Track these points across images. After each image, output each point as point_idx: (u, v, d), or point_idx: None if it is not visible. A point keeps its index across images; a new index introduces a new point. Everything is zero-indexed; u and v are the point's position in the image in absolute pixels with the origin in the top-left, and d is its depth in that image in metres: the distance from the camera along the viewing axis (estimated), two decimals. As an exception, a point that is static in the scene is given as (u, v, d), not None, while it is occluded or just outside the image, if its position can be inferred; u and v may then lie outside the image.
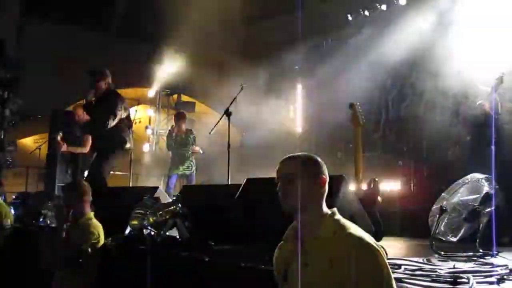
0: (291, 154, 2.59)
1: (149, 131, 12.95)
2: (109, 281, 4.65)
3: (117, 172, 12.17)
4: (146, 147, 12.61)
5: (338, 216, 2.46)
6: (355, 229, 2.36)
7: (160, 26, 10.86)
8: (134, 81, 12.74)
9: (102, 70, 7.43)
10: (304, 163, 2.50)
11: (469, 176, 5.05)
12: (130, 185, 9.27)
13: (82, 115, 9.02)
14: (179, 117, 10.06)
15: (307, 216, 2.44)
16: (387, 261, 2.30)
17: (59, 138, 8.89)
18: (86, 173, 8.86)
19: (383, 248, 2.33)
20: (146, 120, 13.23)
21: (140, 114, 9.74)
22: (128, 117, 7.38)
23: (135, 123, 9.32)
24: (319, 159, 2.56)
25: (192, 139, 9.93)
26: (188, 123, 10.29)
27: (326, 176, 2.52)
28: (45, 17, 12.30)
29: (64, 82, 11.64)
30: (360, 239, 2.29)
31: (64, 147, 8.97)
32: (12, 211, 7.09)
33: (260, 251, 3.59)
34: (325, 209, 2.48)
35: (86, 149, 9.02)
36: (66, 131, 9.26)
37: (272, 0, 11.02)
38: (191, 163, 9.81)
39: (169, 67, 12.04)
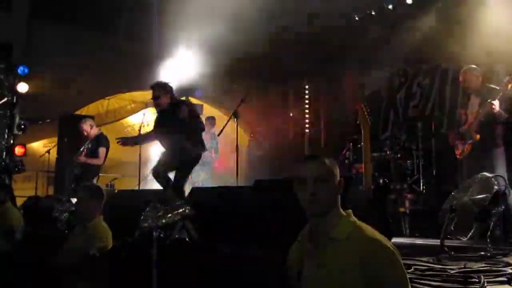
0: (311, 154, 2.54)
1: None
2: (118, 284, 4.65)
3: (126, 176, 12.23)
4: (154, 149, 12.61)
5: (353, 218, 2.43)
6: (371, 231, 2.34)
7: (167, 29, 10.88)
8: (142, 84, 12.75)
9: (164, 84, 7.27)
10: (332, 165, 2.46)
11: (479, 175, 5.03)
12: (139, 188, 9.26)
13: (89, 130, 9.05)
14: (210, 122, 10.35)
15: (327, 218, 2.40)
16: (402, 263, 2.28)
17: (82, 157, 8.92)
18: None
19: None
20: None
21: (149, 117, 9.74)
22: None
23: (143, 126, 9.30)
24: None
25: (215, 144, 10.20)
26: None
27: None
28: (54, 21, 12.34)
29: (73, 86, 11.68)
30: (377, 242, 2.27)
31: (82, 158, 8.96)
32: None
33: (270, 252, 3.59)
34: (341, 210, 2.46)
35: (101, 161, 9.00)
36: (74, 135, 9.29)
37: (278, 1, 11.00)
38: (211, 166, 10.18)
39: (177, 70, 12.04)
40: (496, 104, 6.01)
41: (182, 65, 11.82)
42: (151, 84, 7.30)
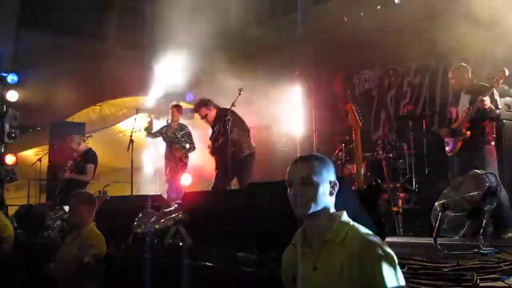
0: (304, 155, 2.52)
1: (149, 139, 12.91)
2: (113, 290, 4.64)
3: (118, 182, 12.20)
4: (146, 155, 12.59)
5: (347, 219, 2.42)
6: (366, 232, 2.34)
7: (157, 34, 10.88)
8: (132, 89, 12.75)
9: (199, 101, 7.60)
10: (321, 165, 2.43)
11: (470, 173, 5.04)
12: (132, 194, 9.23)
13: (77, 147, 8.98)
14: (174, 109, 9.26)
15: (318, 219, 2.39)
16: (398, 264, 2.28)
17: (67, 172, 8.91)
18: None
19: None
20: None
21: (140, 122, 9.72)
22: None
23: (135, 132, 9.27)
24: (330, 161, 2.51)
25: (180, 136, 9.01)
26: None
27: (336, 179, 2.48)
28: (43, 29, 12.33)
29: (63, 93, 11.65)
30: (372, 244, 2.26)
31: (67, 174, 8.91)
32: (11, 224, 7.06)
33: (264, 256, 3.59)
34: (334, 212, 2.44)
35: (88, 178, 8.93)
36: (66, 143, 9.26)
37: (269, 2, 11.04)
38: (179, 164, 8.92)
39: (167, 74, 12.03)
40: (487, 100, 6.03)
41: (173, 69, 11.81)
42: (194, 107, 7.67)
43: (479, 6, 7.42)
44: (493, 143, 6.30)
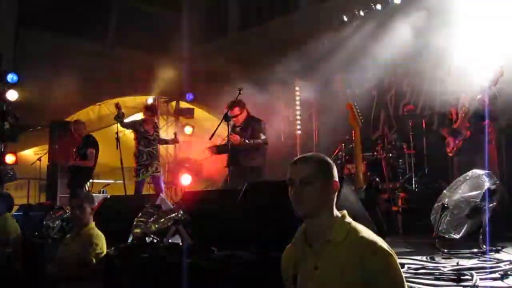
0: (304, 155, 2.51)
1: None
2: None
3: (118, 181, 12.18)
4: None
5: (348, 219, 2.41)
6: (367, 232, 2.33)
7: (157, 34, 10.87)
8: (132, 89, 12.75)
9: (233, 101, 7.80)
10: (321, 165, 2.43)
11: (470, 173, 5.05)
12: (126, 193, 9.21)
13: (80, 130, 9.05)
14: (148, 111, 9.25)
15: (319, 219, 2.39)
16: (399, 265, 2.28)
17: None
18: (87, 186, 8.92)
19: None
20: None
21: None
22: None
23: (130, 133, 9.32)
24: (331, 161, 2.50)
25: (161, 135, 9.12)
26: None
27: (337, 179, 2.47)
28: (43, 29, 12.32)
29: (63, 93, 11.64)
30: (373, 244, 2.26)
31: (71, 161, 8.95)
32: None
33: (264, 256, 3.59)
34: (335, 211, 2.43)
35: (91, 163, 8.98)
36: (66, 142, 9.29)
37: (269, 2, 11.04)
38: (159, 163, 9.13)
39: (167, 75, 12.03)
40: (486, 99, 6.03)
41: (173, 68, 11.81)
42: (228, 104, 7.81)
43: (479, 4, 7.43)
44: (493, 142, 6.30)
